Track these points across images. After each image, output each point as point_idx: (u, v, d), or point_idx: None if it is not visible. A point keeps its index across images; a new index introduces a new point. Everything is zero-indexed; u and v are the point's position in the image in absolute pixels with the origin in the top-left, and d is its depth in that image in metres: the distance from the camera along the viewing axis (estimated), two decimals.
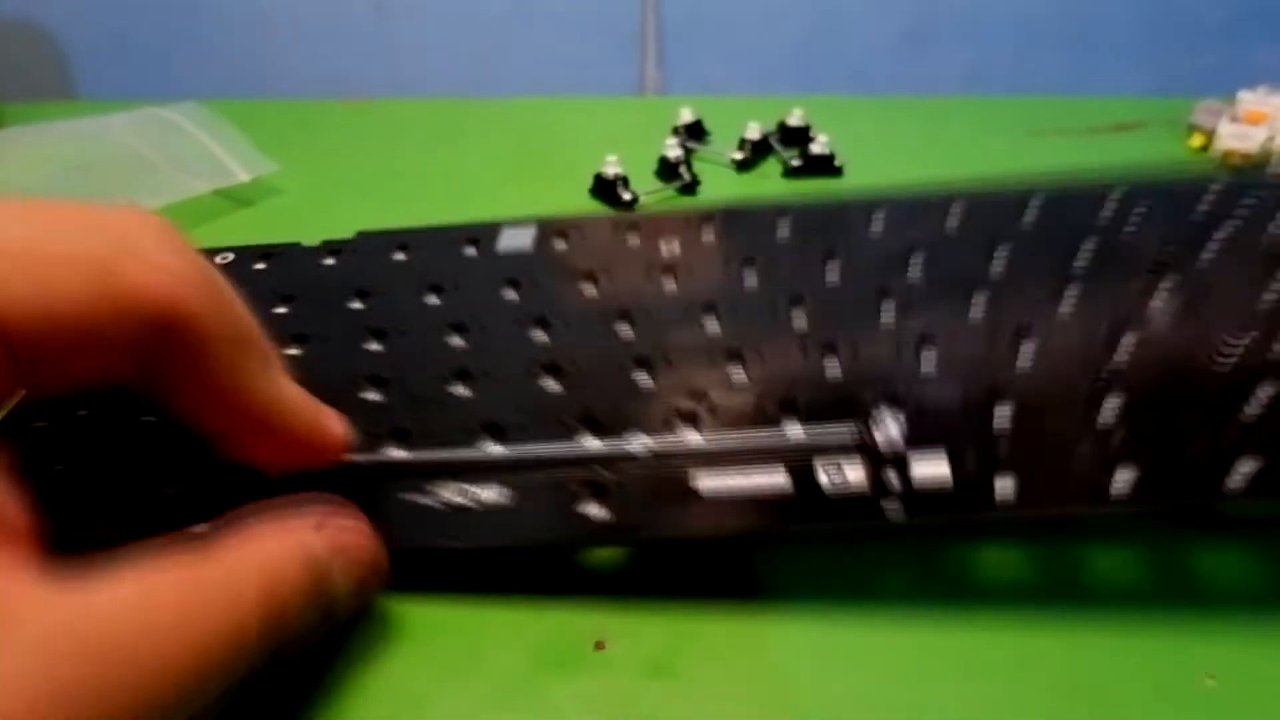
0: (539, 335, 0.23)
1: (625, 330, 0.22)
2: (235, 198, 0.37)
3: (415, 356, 0.23)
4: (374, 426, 0.20)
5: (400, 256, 0.27)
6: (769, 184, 0.39)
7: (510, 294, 0.24)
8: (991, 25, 0.54)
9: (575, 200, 0.37)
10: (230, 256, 0.28)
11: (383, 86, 0.60)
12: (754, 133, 0.40)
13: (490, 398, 0.21)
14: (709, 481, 0.19)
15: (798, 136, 0.40)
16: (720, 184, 0.39)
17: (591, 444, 0.20)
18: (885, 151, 0.41)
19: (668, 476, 0.19)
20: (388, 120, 0.45)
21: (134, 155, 0.36)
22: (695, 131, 0.42)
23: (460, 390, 0.21)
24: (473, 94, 0.53)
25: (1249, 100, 0.39)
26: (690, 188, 0.38)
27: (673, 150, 0.38)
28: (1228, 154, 0.39)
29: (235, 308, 0.17)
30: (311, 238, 0.35)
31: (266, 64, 0.61)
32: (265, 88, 0.61)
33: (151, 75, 0.60)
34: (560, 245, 0.26)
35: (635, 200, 0.36)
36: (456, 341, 0.23)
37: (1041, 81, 0.59)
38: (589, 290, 0.24)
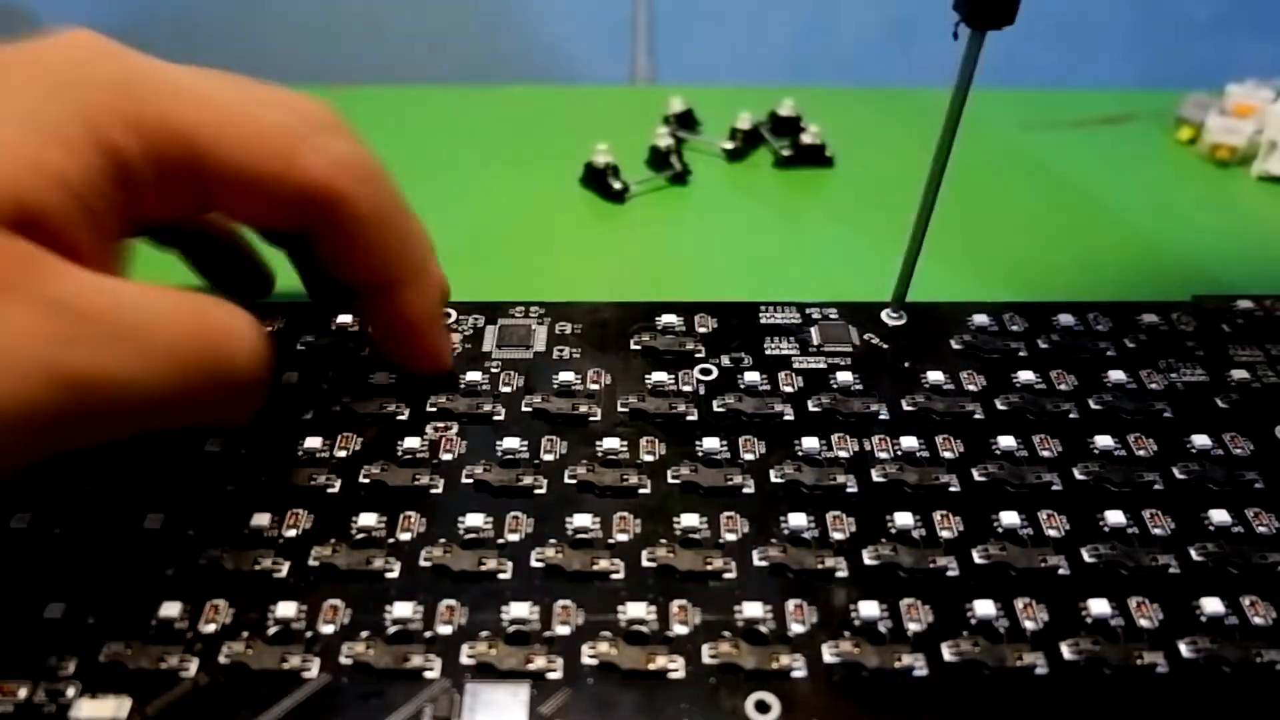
0: None
1: None
2: None
3: None
4: None
5: None
6: (760, 174, 0.39)
7: None
8: None
9: (565, 189, 0.37)
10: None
11: (372, 73, 0.60)
12: (745, 122, 0.40)
13: None
14: None
15: (789, 126, 0.40)
16: (711, 173, 0.39)
17: None
18: (876, 142, 0.41)
19: None
20: (377, 107, 0.45)
21: None
22: (686, 121, 0.42)
23: None
24: (463, 81, 0.52)
25: (1237, 93, 0.39)
26: (681, 177, 0.38)
27: (663, 139, 0.38)
28: (1215, 147, 0.39)
29: (382, 195, 0.21)
30: None
31: (255, 50, 0.60)
32: (253, 74, 0.61)
33: None
34: None
35: (626, 189, 0.36)
36: None
37: (1031, 74, 0.59)
38: None
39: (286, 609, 0.19)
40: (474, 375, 0.25)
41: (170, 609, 0.19)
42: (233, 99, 0.20)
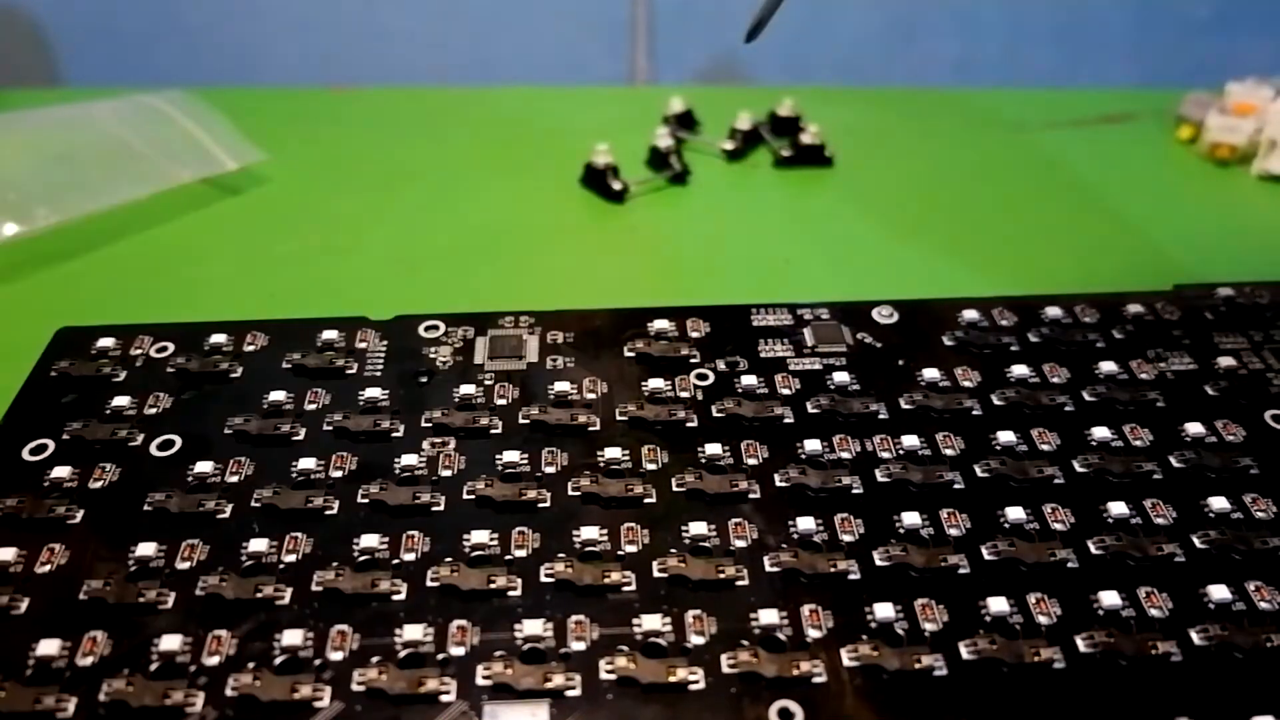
0: None
1: None
2: (222, 186, 0.37)
3: None
4: None
5: None
6: (760, 174, 0.39)
7: None
8: (980, 16, 0.54)
9: (566, 190, 0.37)
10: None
11: (371, 75, 0.60)
12: (744, 122, 0.40)
13: None
14: None
15: (788, 126, 0.40)
16: (711, 174, 0.39)
17: None
18: (875, 142, 0.41)
19: None
20: (376, 109, 0.45)
21: (120, 143, 0.36)
22: (686, 121, 0.42)
23: None
24: (462, 83, 0.52)
25: (1238, 92, 0.39)
26: (680, 177, 0.38)
27: (663, 140, 0.38)
28: (1216, 146, 0.39)
29: None
30: (298, 227, 0.35)
31: (254, 51, 0.60)
32: (253, 75, 0.61)
33: (138, 62, 0.60)
34: None
35: (625, 190, 0.36)
36: None
37: (1030, 73, 0.59)
38: None
39: (293, 637, 0.18)
40: (468, 389, 0.24)
41: (170, 642, 0.18)
42: None
